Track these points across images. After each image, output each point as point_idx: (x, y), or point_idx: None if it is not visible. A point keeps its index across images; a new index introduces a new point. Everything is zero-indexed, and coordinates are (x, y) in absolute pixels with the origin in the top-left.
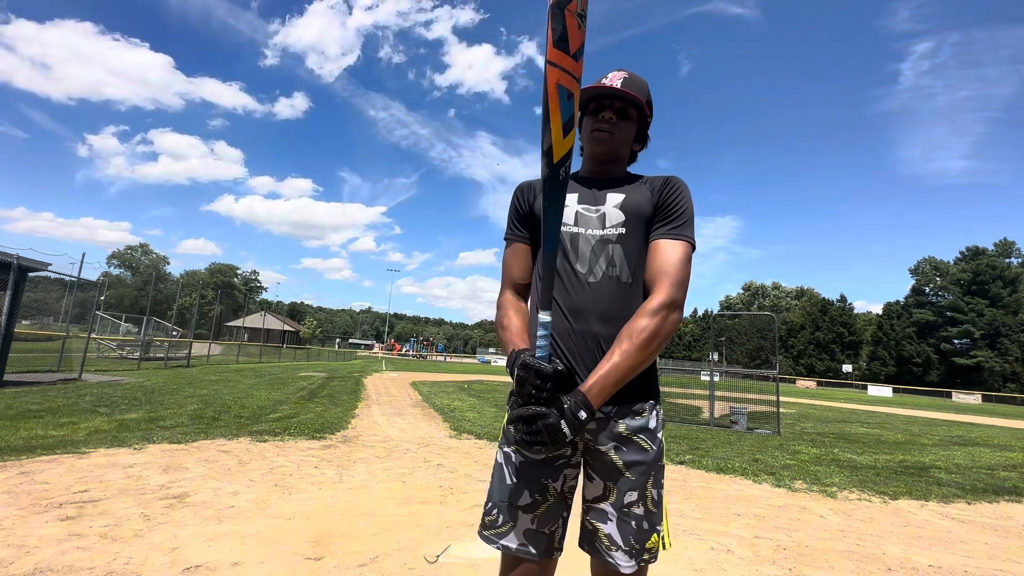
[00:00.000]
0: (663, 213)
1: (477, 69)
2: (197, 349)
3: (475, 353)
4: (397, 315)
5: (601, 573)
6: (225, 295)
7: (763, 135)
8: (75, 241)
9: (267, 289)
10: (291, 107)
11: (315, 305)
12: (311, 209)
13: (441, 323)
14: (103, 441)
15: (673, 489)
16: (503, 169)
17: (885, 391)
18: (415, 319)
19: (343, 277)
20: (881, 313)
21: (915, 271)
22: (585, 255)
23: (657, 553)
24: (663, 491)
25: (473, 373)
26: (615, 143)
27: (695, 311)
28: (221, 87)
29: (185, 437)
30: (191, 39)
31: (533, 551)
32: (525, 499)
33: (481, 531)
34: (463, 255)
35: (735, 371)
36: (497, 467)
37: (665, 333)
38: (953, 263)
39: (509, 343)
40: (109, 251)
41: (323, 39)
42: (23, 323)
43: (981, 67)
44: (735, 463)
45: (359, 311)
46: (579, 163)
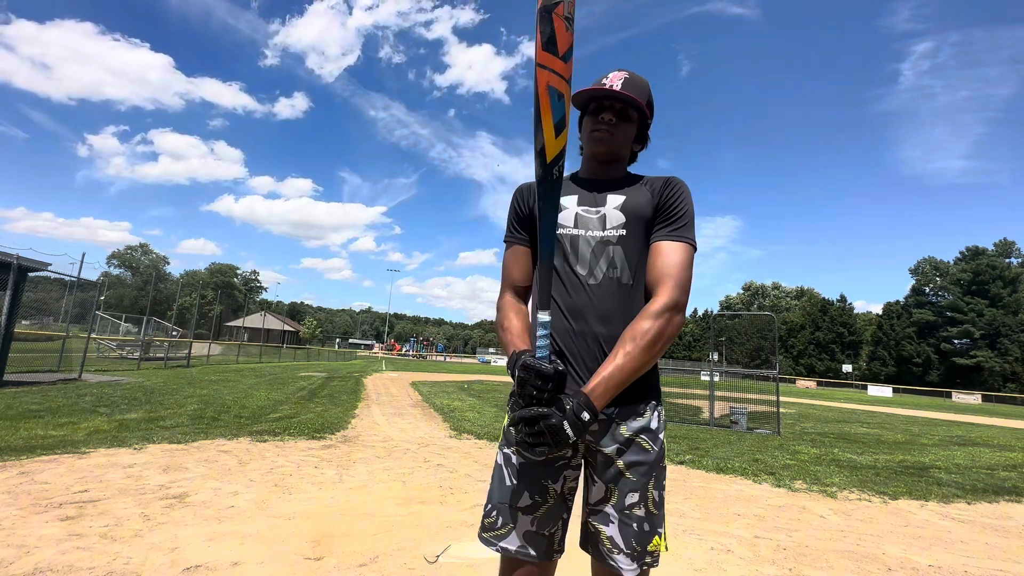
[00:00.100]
0: (664, 214)
1: (477, 69)
2: (197, 349)
3: (475, 353)
4: (397, 315)
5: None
6: (225, 295)
7: (763, 135)
8: (75, 241)
9: (267, 289)
10: (291, 107)
11: (315, 305)
12: (311, 209)
13: (441, 323)
14: (103, 441)
15: (673, 489)
16: (503, 169)
17: (885, 391)
18: (415, 319)
19: (343, 277)
20: (881, 313)
21: (915, 271)
22: (585, 257)
23: (659, 556)
24: (664, 492)
25: (473, 373)
26: (615, 144)
27: (695, 311)
28: (221, 87)
29: (185, 437)
30: (191, 39)
31: (533, 553)
32: (525, 501)
33: (481, 533)
34: (463, 255)
35: (735, 371)
36: (497, 468)
37: (668, 335)
38: (953, 263)
39: (510, 345)
40: (109, 251)
41: (323, 39)
42: (23, 323)
43: (981, 67)
44: (735, 463)
45: (359, 311)
46: (579, 164)
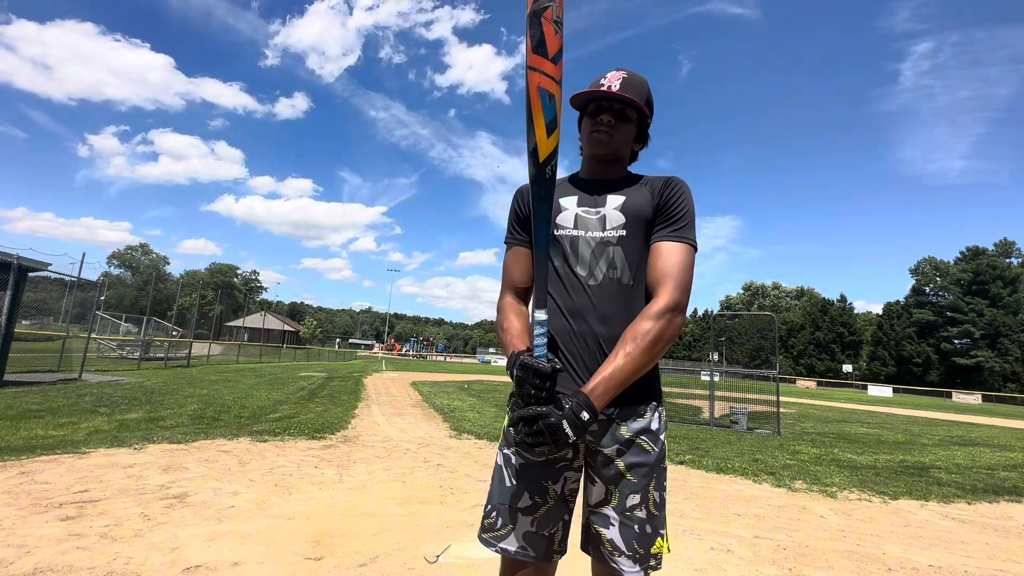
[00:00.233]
0: (664, 215)
1: (477, 69)
2: (197, 349)
3: (475, 353)
4: (397, 315)
5: None
6: (225, 295)
7: (763, 135)
8: (75, 241)
9: (267, 289)
10: (291, 107)
11: (315, 305)
12: (311, 209)
13: (441, 323)
14: (103, 441)
15: (673, 489)
16: (503, 169)
17: (885, 391)
18: (415, 319)
19: (343, 277)
20: (881, 313)
21: (915, 271)
22: (585, 258)
23: (662, 559)
24: (665, 494)
25: (473, 373)
26: (614, 145)
27: (695, 311)
28: (221, 87)
29: (185, 437)
30: (192, 39)
31: (532, 554)
32: (525, 501)
33: (480, 534)
34: (463, 255)
35: (735, 371)
36: (497, 469)
37: (669, 336)
38: (953, 263)
39: (509, 346)
40: (109, 251)
41: (323, 39)
42: (23, 323)
43: (981, 67)
44: (735, 463)
45: (359, 311)
46: (579, 165)
